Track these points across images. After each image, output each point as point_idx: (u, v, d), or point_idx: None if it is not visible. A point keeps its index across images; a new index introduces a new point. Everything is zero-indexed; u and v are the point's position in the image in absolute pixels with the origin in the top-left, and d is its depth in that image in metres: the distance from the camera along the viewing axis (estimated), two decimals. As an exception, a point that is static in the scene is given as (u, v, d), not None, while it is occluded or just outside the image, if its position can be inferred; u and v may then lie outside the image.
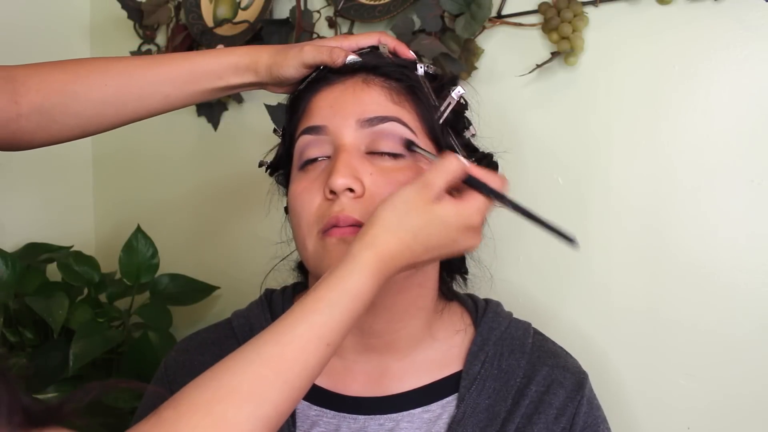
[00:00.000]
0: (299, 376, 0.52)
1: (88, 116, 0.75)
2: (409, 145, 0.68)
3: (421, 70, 0.73)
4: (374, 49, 0.75)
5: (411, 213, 0.59)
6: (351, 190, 0.66)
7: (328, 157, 0.69)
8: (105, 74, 0.75)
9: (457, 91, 0.72)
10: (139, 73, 0.76)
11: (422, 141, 0.70)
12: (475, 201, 0.62)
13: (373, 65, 0.71)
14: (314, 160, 0.70)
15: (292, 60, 0.74)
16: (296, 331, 0.53)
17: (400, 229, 0.58)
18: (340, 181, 0.65)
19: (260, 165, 0.82)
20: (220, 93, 0.79)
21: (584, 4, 0.95)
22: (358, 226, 0.65)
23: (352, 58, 0.71)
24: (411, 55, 0.75)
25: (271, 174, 0.82)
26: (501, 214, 0.79)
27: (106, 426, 1.05)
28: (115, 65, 0.76)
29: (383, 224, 0.58)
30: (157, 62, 0.77)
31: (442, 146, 0.71)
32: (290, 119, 0.75)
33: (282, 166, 0.78)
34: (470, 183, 0.63)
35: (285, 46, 0.77)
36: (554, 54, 0.96)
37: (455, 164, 0.62)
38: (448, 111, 0.72)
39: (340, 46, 0.73)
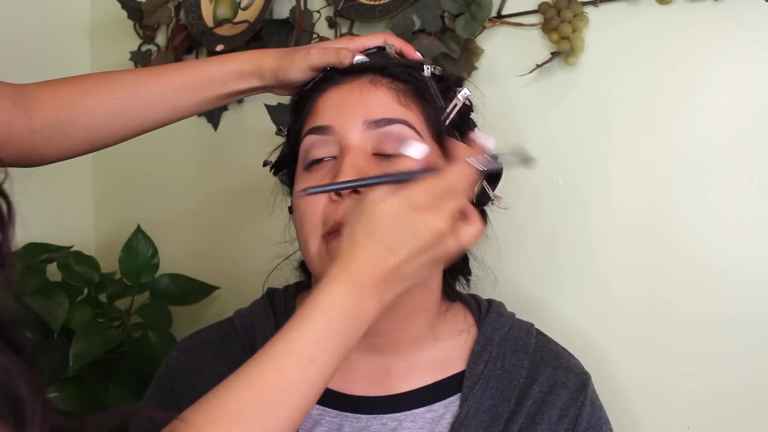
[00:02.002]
0: (283, 395, 0.52)
1: (97, 129, 0.75)
2: None
3: (427, 71, 0.72)
4: (380, 49, 0.75)
5: (359, 219, 0.58)
6: (356, 191, 0.65)
7: (334, 158, 0.69)
8: (112, 87, 0.75)
9: (463, 93, 0.72)
10: (145, 84, 0.76)
11: (428, 143, 0.70)
12: (416, 184, 0.57)
13: (380, 66, 0.71)
14: (320, 160, 0.70)
15: (298, 63, 0.74)
16: (275, 349, 0.53)
17: (357, 237, 0.57)
18: None
19: (264, 164, 0.82)
20: (227, 99, 0.79)
21: (584, 4, 0.95)
22: None
23: (359, 58, 0.71)
24: (417, 56, 0.75)
25: (275, 173, 0.81)
26: (503, 216, 0.79)
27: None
28: (121, 78, 0.77)
29: (344, 239, 0.58)
30: (161, 73, 0.77)
31: (446, 148, 0.71)
32: (296, 119, 0.75)
33: (286, 166, 0.78)
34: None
35: (290, 50, 0.77)
36: (554, 54, 0.97)
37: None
38: (454, 113, 0.72)
39: (347, 47, 0.73)
